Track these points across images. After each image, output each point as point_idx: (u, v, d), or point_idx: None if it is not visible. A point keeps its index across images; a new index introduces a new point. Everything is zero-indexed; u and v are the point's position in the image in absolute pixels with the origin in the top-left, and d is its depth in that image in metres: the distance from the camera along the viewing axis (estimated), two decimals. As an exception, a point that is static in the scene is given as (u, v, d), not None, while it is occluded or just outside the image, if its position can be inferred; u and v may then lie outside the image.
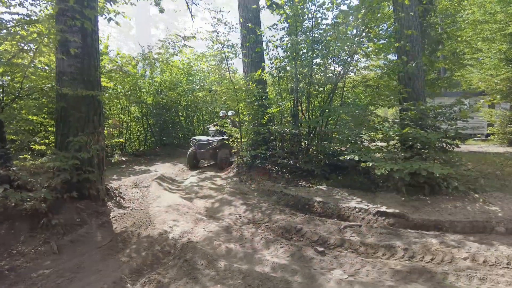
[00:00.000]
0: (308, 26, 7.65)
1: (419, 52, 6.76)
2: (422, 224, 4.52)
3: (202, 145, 9.58)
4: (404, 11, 6.51)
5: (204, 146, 9.60)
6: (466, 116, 5.47)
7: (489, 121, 15.35)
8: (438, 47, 11.68)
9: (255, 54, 8.51)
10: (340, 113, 7.02)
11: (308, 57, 7.68)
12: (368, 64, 7.79)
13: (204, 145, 9.61)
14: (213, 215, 5.30)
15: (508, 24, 13.53)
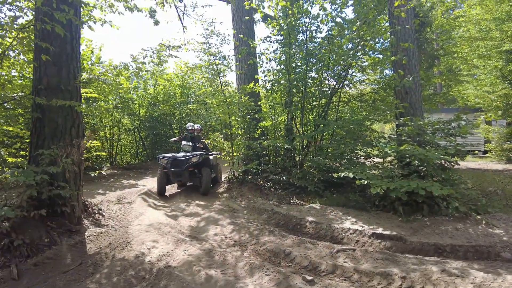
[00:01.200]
0: (302, 39, 7.47)
1: (416, 66, 6.56)
2: (421, 249, 4.17)
3: (178, 163, 7.65)
4: (401, 24, 6.34)
5: (180, 164, 7.63)
6: (466, 132, 5.21)
7: (487, 137, 15.17)
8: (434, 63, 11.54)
9: (248, 67, 8.31)
10: (335, 127, 6.75)
11: (302, 71, 7.47)
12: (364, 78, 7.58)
13: (181, 162, 7.64)
14: (197, 236, 4.93)
15: (503, 42, 13.52)
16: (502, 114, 13.55)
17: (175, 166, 7.66)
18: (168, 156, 7.83)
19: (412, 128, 5.31)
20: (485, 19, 14.33)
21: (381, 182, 4.72)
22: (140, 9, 6.51)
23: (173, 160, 7.67)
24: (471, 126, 5.31)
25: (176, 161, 7.68)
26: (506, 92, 13.22)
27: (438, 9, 13.40)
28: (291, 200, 6.73)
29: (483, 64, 14.83)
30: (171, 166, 7.65)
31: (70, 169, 4.32)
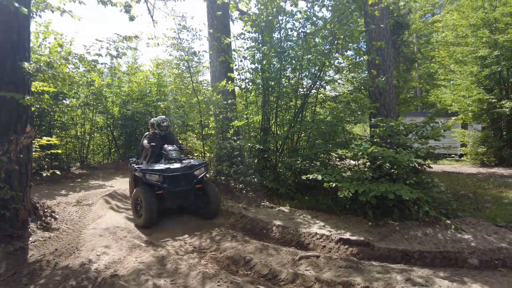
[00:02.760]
0: (277, 37, 7.25)
1: (390, 67, 6.45)
2: (388, 255, 3.99)
3: (182, 180, 5.39)
4: (375, 23, 6.21)
5: (186, 181, 5.42)
6: (438, 134, 5.08)
7: (462, 141, 15.39)
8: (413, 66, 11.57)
9: (220, 64, 8.03)
10: (308, 128, 6.55)
11: (276, 70, 7.24)
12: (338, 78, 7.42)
13: (186, 178, 5.44)
14: (155, 241, 4.59)
15: (478, 48, 13.74)
16: (476, 118, 13.74)
17: (178, 184, 5.33)
18: (161, 169, 5.31)
19: (383, 129, 5.15)
20: (461, 25, 14.54)
21: (350, 185, 4.52)
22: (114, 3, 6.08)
23: (172, 175, 5.28)
24: (443, 128, 5.18)
25: (178, 177, 5.34)
26: (480, 97, 13.41)
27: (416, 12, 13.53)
28: (262, 203, 6.47)
29: (459, 69, 15.04)
30: (171, 184, 5.27)
31: (6, 167, 3.91)
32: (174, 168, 5.43)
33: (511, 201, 6.18)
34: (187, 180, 5.44)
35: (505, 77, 13.75)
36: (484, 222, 4.75)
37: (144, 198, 5.06)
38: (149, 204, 5.01)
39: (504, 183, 8.56)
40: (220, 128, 7.81)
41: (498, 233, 4.36)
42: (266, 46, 6.69)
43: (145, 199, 5.05)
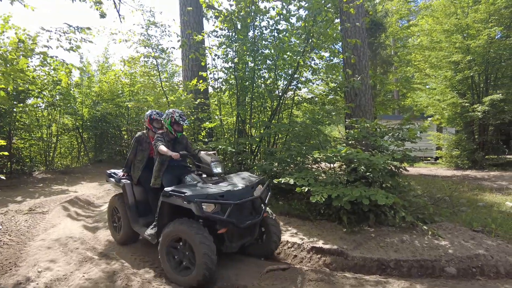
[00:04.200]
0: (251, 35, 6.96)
1: (366, 67, 6.27)
2: (363, 265, 3.72)
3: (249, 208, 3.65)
4: (351, 22, 6.02)
5: (254, 210, 3.69)
6: (414, 136, 4.90)
7: (438, 144, 15.60)
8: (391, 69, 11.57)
9: (192, 63, 7.66)
10: (282, 130, 6.26)
11: (250, 69, 6.94)
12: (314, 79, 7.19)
13: (253, 205, 3.70)
14: (111, 253, 4.15)
15: (452, 53, 13.98)
16: (451, 122, 13.95)
17: (246, 215, 3.54)
18: (218, 194, 3.31)
19: (358, 131, 4.93)
20: (436, 31, 14.78)
21: (323, 189, 4.24)
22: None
23: (240, 203, 3.35)
24: (419, 130, 5.01)
25: (245, 205, 3.55)
26: (454, 101, 13.63)
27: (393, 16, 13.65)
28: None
29: (434, 74, 15.28)
30: (239, 216, 3.41)
31: None
32: (239, 192, 3.42)
33: (485, 204, 6.11)
34: (255, 208, 3.67)
35: (476, 82, 14.05)
36: (461, 227, 4.58)
37: (198, 243, 3.07)
38: (208, 253, 3.08)
39: (478, 185, 8.58)
40: (191, 129, 7.41)
41: (475, 238, 4.19)
42: (237, 43, 6.37)
43: (200, 245, 3.07)
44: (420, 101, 15.76)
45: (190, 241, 3.16)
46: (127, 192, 4.24)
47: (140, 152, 4.43)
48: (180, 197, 3.23)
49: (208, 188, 3.43)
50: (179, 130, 4.09)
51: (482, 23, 13.26)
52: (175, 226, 3.30)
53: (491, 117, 12.94)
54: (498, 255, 3.75)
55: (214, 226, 3.42)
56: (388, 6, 13.82)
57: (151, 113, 4.55)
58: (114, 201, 4.54)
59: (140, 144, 4.45)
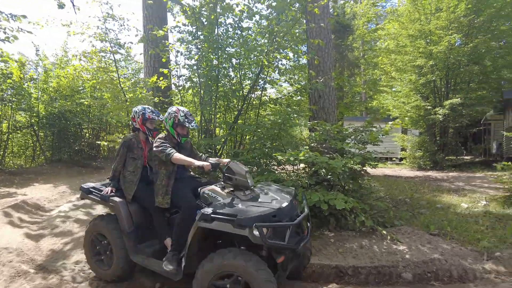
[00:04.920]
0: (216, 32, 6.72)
1: (331, 69, 6.24)
2: (321, 272, 3.63)
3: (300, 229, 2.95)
4: (316, 22, 5.96)
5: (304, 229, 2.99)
6: (375, 139, 4.90)
7: (402, 145, 16.11)
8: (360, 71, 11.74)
9: (153, 59, 7.33)
10: (245, 131, 6.09)
11: (214, 68, 6.70)
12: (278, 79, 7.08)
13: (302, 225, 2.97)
14: (50, 265, 3.79)
15: (416, 57, 14.46)
16: (414, 124, 14.43)
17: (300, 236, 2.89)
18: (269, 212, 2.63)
19: (319, 133, 4.86)
20: (401, 35, 15.23)
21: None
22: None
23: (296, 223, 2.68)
24: (380, 133, 5.02)
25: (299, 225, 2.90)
26: (418, 104, 14.10)
27: (361, 19, 13.92)
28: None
29: (399, 77, 15.76)
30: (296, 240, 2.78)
31: None
32: (287, 208, 2.79)
33: (443, 206, 6.27)
34: (300, 226, 2.93)
35: (438, 86, 14.63)
36: (419, 230, 4.63)
37: (263, 282, 2.45)
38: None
39: (438, 186, 8.86)
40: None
41: (431, 242, 4.23)
42: (197, 40, 6.12)
43: (265, 284, 2.45)
44: (386, 103, 16.19)
45: (248, 278, 2.46)
46: (122, 215, 3.24)
47: (131, 161, 3.39)
48: (229, 222, 2.51)
49: (254, 207, 2.70)
50: (183, 134, 3.29)
51: (443, 30, 13.80)
52: (224, 259, 2.53)
53: (451, 120, 13.49)
54: (452, 259, 3.79)
55: (259, 252, 2.76)
56: (356, 9, 14.08)
57: (143, 110, 3.48)
58: (97, 226, 3.47)
59: (131, 151, 3.40)
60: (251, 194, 2.95)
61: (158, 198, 3.13)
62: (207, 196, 3.04)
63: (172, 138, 3.29)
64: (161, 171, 3.17)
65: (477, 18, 13.76)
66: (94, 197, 3.52)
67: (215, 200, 2.96)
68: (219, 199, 2.96)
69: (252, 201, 2.82)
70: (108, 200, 3.35)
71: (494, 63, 14.39)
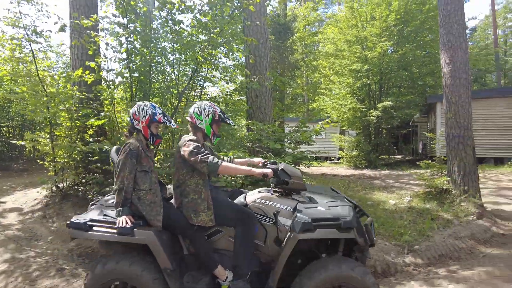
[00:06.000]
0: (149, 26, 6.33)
1: (267, 68, 6.22)
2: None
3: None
4: (252, 20, 5.88)
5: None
6: (307, 138, 4.94)
7: (340, 145, 16.92)
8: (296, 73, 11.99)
9: (80, 51, 6.69)
10: (181, 130, 5.80)
11: (146, 62, 6.30)
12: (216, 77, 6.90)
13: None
14: None
15: (353, 62, 15.29)
16: (351, 125, 15.22)
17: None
18: (349, 205, 2.62)
19: (253, 133, 4.77)
20: (340, 40, 15.99)
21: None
22: None
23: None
24: (312, 133, 5.09)
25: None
26: (354, 106, 14.88)
27: (301, 21, 14.34)
28: (123, 218, 5.42)
29: (338, 80, 16.53)
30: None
31: None
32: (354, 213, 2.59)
33: (373, 203, 6.58)
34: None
35: (373, 90, 15.63)
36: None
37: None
38: None
39: (370, 184, 9.36)
40: (78, 127, 6.43)
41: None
42: (127, 32, 5.70)
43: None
44: (325, 105, 16.89)
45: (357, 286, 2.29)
46: (159, 250, 2.37)
47: (142, 175, 2.52)
48: (334, 227, 2.29)
49: (337, 207, 2.52)
50: (217, 134, 2.79)
51: (377, 37, 14.76)
52: (334, 270, 2.29)
53: (384, 122, 14.47)
54: (377, 255, 3.92)
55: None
56: (297, 12, 14.47)
57: (153, 109, 2.61)
58: (114, 272, 2.37)
59: (139, 162, 2.52)
60: (306, 197, 2.72)
61: (199, 216, 2.50)
62: (263, 207, 2.60)
63: (200, 140, 2.70)
64: (194, 181, 2.56)
65: (405, 28, 14.96)
66: (103, 234, 2.37)
67: (272, 209, 2.57)
68: (278, 206, 2.59)
69: (319, 202, 2.61)
70: (133, 233, 2.32)
71: (420, 70, 15.78)
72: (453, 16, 6.09)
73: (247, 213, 2.51)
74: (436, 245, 4.45)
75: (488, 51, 25.50)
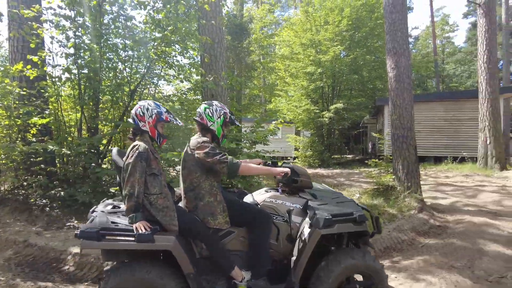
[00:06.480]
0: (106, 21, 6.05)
1: (223, 68, 6.22)
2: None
3: None
4: (207, 19, 5.85)
5: None
6: (261, 139, 5.04)
7: (295, 145, 17.41)
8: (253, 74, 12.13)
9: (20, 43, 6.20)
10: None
11: (96, 58, 6.01)
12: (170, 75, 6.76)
13: None
14: None
15: (307, 65, 15.81)
16: (305, 126, 15.74)
17: None
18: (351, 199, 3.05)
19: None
20: (295, 43, 16.45)
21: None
22: None
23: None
24: (266, 133, 5.21)
25: None
26: (308, 108, 15.39)
27: (258, 23, 14.55)
28: (68, 223, 5.12)
29: (293, 82, 16.99)
30: None
31: None
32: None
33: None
34: None
35: (326, 92, 16.28)
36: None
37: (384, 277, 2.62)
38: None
39: (322, 182, 9.75)
40: (16, 126, 5.94)
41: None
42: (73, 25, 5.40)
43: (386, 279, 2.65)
44: (281, 106, 17.28)
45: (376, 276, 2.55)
46: (182, 255, 2.30)
47: (152, 179, 2.38)
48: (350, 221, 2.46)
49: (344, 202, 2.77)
50: (225, 135, 2.78)
51: (330, 41, 15.40)
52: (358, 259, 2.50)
53: (336, 123, 15.15)
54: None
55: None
56: (254, 13, 14.64)
57: (158, 108, 2.50)
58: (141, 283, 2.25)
59: (148, 165, 2.37)
60: (309, 194, 2.81)
61: (217, 219, 2.47)
62: (274, 206, 2.65)
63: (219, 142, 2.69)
64: (208, 183, 2.52)
65: (356, 34, 15.79)
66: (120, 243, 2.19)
67: (283, 207, 2.65)
68: (288, 204, 2.67)
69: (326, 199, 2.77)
70: (153, 240, 2.19)
71: (370, 74, 16.75)
72: (397, 24, 6.53)
73: (264, 213, 2.55)
74: (381, 239, 4.77)
75: (429, 58, 27.77)
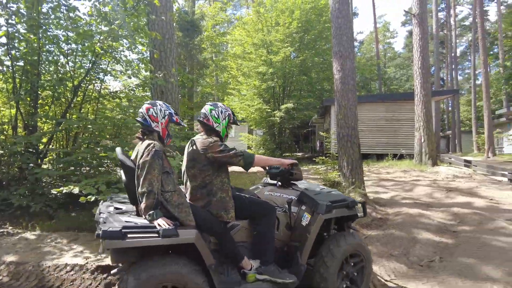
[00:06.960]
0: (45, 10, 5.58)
1: (173, 64, 6.10)
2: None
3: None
4: (157, 14, 5.70)
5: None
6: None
7: (248, 144, 17.59)
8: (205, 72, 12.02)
9: None
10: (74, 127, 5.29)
11: (34, 50, 5.55)
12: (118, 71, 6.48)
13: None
14: None
15: (259, 64, 16.05)
16: (258, 124, 15.98)
17: None
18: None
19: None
20: (247, 42, 16.60)
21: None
22: None
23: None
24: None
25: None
26: (260, 107, 15.65)
27: (209, 21, 14.46)
28: (1, 229, 4.68)
29: (245, 81, 17.14)
30: None
31: None
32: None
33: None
34: None
35: (277, 92, 16.66)
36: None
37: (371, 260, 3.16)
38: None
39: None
40: None
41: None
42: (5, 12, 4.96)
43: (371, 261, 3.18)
44: (234, 105, 17.35)
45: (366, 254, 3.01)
46: (205, 248, 2.38)
47: (165, 177, 2.43)
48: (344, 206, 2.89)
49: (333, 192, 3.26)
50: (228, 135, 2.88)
51: (281, 42, 15.78)
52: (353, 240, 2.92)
53: (286, 122, 15.58)
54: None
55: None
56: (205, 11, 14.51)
57: (168, 109, 2.57)
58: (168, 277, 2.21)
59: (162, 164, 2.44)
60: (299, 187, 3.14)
61: (229, 213, 2.58)
62: (273, 198, 2.96)
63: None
64: (219, 180, 2.61)
65: (306, 36, 16.35)
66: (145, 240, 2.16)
67: (281, 199, 2.95)
68: (285, 196, 2.98)
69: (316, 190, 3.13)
70: (177, 234, 2.22)
71: (318, 76, 17.46)
72: (343, 29, 6.91)
73: (270, 206, 2.77)
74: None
75: (373, 62, 29.70)
